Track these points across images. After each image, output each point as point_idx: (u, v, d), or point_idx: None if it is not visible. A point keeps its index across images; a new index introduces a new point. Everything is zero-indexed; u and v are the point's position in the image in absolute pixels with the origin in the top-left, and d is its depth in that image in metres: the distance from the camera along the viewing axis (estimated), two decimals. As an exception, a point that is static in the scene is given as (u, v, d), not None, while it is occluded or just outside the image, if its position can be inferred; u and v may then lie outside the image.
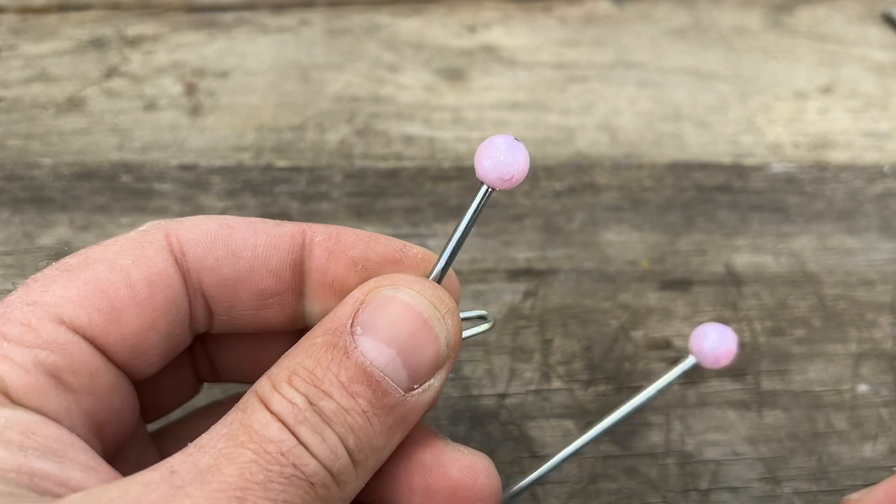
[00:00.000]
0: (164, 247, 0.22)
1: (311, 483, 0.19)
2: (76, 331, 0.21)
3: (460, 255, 0.39)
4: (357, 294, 0.22)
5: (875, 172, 0.43)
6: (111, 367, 0.22)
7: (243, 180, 0.40)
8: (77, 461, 0.19)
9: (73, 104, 0.44)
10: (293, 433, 0.19)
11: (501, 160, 0.22)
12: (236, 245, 0.23)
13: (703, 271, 0.38)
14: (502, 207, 0.40)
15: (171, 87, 0.44)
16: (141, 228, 0.23)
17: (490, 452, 0.32)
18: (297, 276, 0.24)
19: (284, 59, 0.46)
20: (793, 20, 0.50)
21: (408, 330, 0.21)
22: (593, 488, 0.32)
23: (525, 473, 0.25)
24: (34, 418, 0.19)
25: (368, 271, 0.24)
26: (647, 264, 0.39)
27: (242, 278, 0.23)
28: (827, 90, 0.46)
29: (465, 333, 0.25)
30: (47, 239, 0.38)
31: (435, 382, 0.21)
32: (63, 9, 0.48)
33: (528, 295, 0.37)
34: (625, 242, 0.39)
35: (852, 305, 0.38)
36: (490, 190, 0.23)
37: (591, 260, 0.39)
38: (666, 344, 0.36)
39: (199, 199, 0.40)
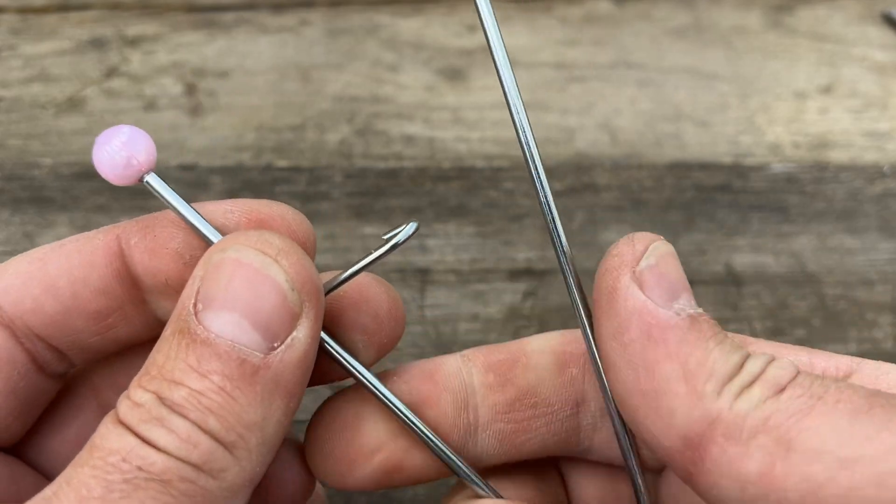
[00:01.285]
0: None
1: (164, 481, 0.17)
2: None
3: (460, 255, 0.39)
4: (197, 271, 0.20)
5: (875, 172, 0.43)
6: None
7: (243, 180, 0.40)
8: None
9: (73, 104, 0.44)
10: (135, 434, 0.18)
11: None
12: (50, 277, 0.22)
13: (703, 271, 0.38)
14: (502, 207, 0.40)
15: (171, 87, 0.44)
16: None
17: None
18: (128, 285, 0.22)
19: (284, 59, 0.46)
20: (793, 20, 0.50)
21: (243, 286, 0.19)
22: (593, 488, 0.32)
23: None
24: None
25: (197, 258, 0.22)
26: (647, 264, 0.39)
27: (69, 308, 0.22)
28: (827, 90, 0.46)
29: (379, 251, 0.22)
30: (47, 239, 0.38)
31: (299, 334, 0.19)
32: (63, 9, 0.48)
33: (528, 295, 0.37)
34: (625, 242, 0.39)
35: (852, 305, 0.38)
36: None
37: (591, 260, 0.39)
38: (666, 344, 0.36)
39: (199, 199, 0.40)
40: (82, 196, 0.39)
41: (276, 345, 0.19)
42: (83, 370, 0.24)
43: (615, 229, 0.40)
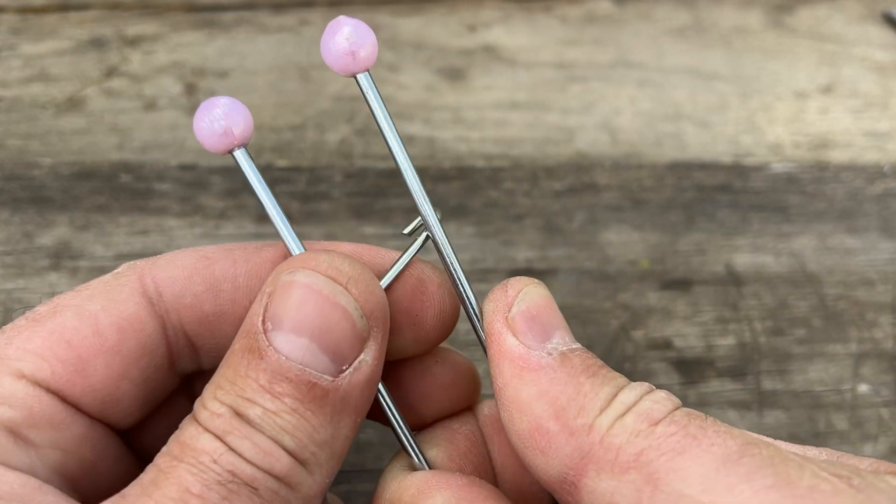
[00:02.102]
0: (136, 289, 0.22)
1: (254, 488, 0.18)
2: (38, 384, 0.20)
3: (460, 255, 0.39)
4: (266, 287, 0.20)
5: (875, 172, 0.43)
6: (81, 419, 0.21)
7: (243, 180, 0.40)
8: (45, 503, 0.19)
9: (73, 104, 0.44)
10: (224, 442, 0.19)
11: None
12: (215, 278, 0.22)
13: (703, 271, 0.38)
14: (502, 207, 0.40)
15: (171, 86, 0.44)
16: (116, 271, 0.22)
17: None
18: None
19: (284, 58, 0.46)
20: (793, 20, 0.50)
21: (313, 312, 0.19)
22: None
23: None
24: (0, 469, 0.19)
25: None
26: (647, 264, 0.39)
27: (225, 312, 0.22)
28: (827, 90, 0.46)
29: (408, 255, 0.23)
30: (47, 239, 0.38)
31: (366, 357, 0.20)
32: (63, 9, 0.48)
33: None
34: (625, 242, 0.39)
35: (853, 305, 0.38)
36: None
37: (591, 260, 0.39)
38: (666, 344, 0.36)
39: (199, 198, 0.40)
40: (82, 196, 0.39)
41: (344, 368, 0.20)
42: (200, 373, 0.25)
43: (615, 229, 0.40)
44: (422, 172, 0.41)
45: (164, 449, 0.19)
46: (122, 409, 0.22)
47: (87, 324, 0.21)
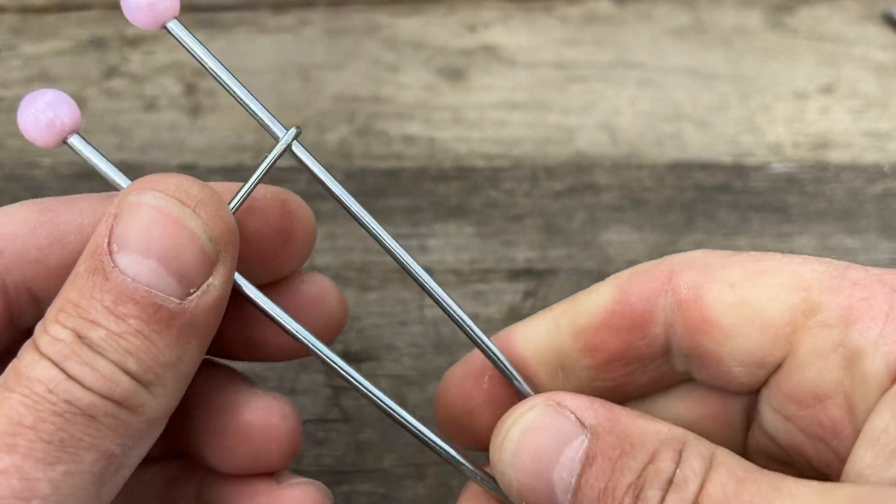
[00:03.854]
0: None
1: (91, 416, 0.18)
2: None
3: (460, 255, 0.39)
4: (111, 208, 0.20)
5: (875, 172, 0.43)
6: None
7: (243, 180, 0.40)
8: None
9: (73, 104, 0.44)
10: (61, 369, 0.18)
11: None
12: (60, 230, 0.22)
13: (703, 271, 0.38)
14: (502, 207, 0.40)
15: (171, 87, 0.44)
16: None
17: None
18: None
19: (284, 59, 0.46)
20: (793, 20, 0.50)
21: (160, 234, 0.19)
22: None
23: None
24: None
25: None
26: (647, 264, 0.39)
27: (72, 264, 0.22)
28: (827, 90, 0.46)
29: (258, 172, 0.23)
30: (47, 239, 0.38)
31: (214, 280, 0.20)
32: (63, 9, 0.48)
33: (528, 295, 0.37)
34: (625, 242, 0.39)
35: (853, 305, 0.38)
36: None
37: (591, 260, 0.39)
38: (666, 344, 0.36)
39: (199, 199, 0.40)
40: (82, 196, 0.39)
41: (191, 291, 0.20)
42: None
43: (615, 229, 0.40)
44: (422, 172, 0.41)
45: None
46: None
47: None
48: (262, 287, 0.23)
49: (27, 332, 0.23)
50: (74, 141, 0.22)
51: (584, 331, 0.24)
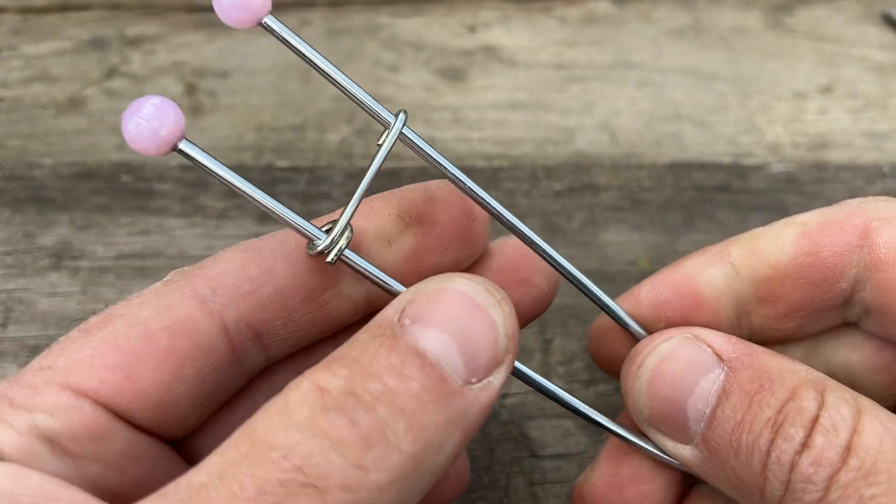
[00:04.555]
0: (186, 292, 0.21)
1: (321, 489, 0.16)
2: (85, 394, 0.20)
3: (460, 255, 0.39)
4: (405, 294, 0.19)
5: (875, 172, 0.43)
6: (128, 431, 0.20)
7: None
8: (74, 501, 0.18)
9: (74, 104, 0.44)
10: (309, 424, 0.16)
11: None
12: (267, 260, 0.22)
13: (702, 271, 0.38)
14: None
15: (172, 87, 0.45)
16: (165, 278, 0.22)
17: (490, 452, 0.32)
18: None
19: (284, 59, 0.46)
20: (793, 20, 0.50)
21: (461, 314, 0.19)
22: (593, 488, 0.32)
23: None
24: (25, 470, 0.18)
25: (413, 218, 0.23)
26: (647, 264, 0.39)
27: (287, 287, 0.22)
28: (827, 90, 0.46)
29: (385, 150, 0.23)
30: (47, 239, 0.38)
31: (494, 380, 0.19)
32: (63, 9, 0.48)
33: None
34: (625, 242, 0.39)
35: (852, 305, 0.38)
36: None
37: (591, 260, 0.39)
38: (666, 344, 0.36)
39: (200, 199, 0.40)
40: (82, 196, 0.39)
41: (473, 381, 0.19)
42: (268, 369, 0.24)
43: (615, 229, 0.40)
44: (422, 172, 0.41)
45: (226, 441, 0.17)
46: (177, 413, 0.21)
47: (137, 330, 0.20)
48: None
49: (251, 372, 0.23)
50: (185, 147, 0.21)
51: (767, 280, 0.23)
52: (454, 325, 0.19)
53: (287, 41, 0.21)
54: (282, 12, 0.49)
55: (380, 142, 0.22)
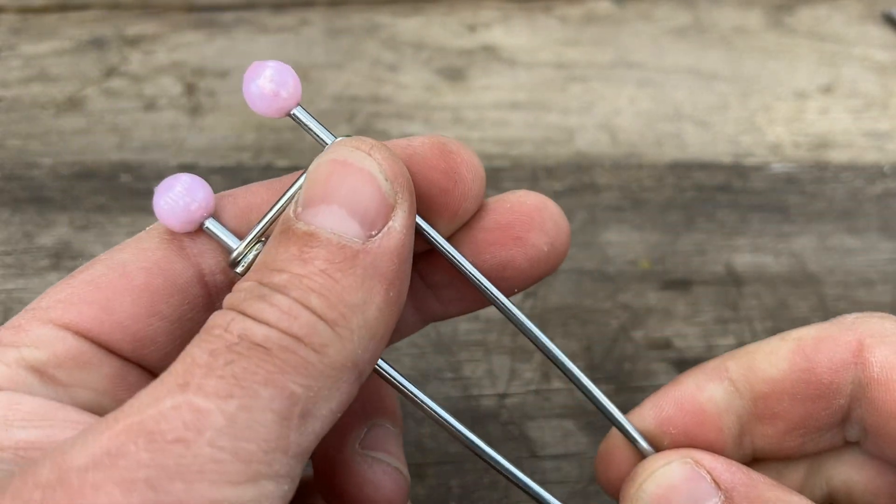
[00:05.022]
0: (165, 237, 0.22)
1: (266, 347, 0.18)
2: (66, 327, 0.21)
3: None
4: (300, 181, 0.21)
5: (875, 172, 0.43)
6: (112, 359, 0.21)
7: (243, 180, 0.40)
8: (68, 420, 0.19)
9: (73, 104, 0.44)
10: (238, 311, 0.18)
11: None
12: (241, 210, 0.23)
13: (703, 271, 0.38)
14: (502, 207, 0.40)
15: (171, 86, 0.44)
16: (148, 228, 0.23)
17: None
18: None
19: (284, 58, 0.46)
20: (793, 20, 0.50)
21: (339, 179, 0.20)
22: (593, 488, 0.32)
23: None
24: (17, 396, 0.19)
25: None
26: (647, 264, 0.39)
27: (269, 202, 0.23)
28: (827, 90, 0.46)
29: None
30: (47, 239, 0.38)
31: (395, 223, 0.20)
32: (63, 9, 0.48)
33: (528, 295, 0.37)
34: (625, 242, 0.39)
35: (853, 305, 0.38)
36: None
37: (591, 260, 0.39)
38: (666, 344, 0.36)
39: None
40: (82, 196, 0.39)
41: (373, 233, 0.20)
42: None
43: (615, 229, 0.40)
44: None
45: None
46: (157, 349, 0.22)
47: (114, 270, 0.21)
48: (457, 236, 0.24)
49: None
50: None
51: (764, 397, 0.23)
52: (338, 193, 0.20)
53: (312, 133, 0.23)
54: (282, 12, 0.49)
55: None
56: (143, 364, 0.22)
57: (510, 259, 0.24)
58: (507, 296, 0.24)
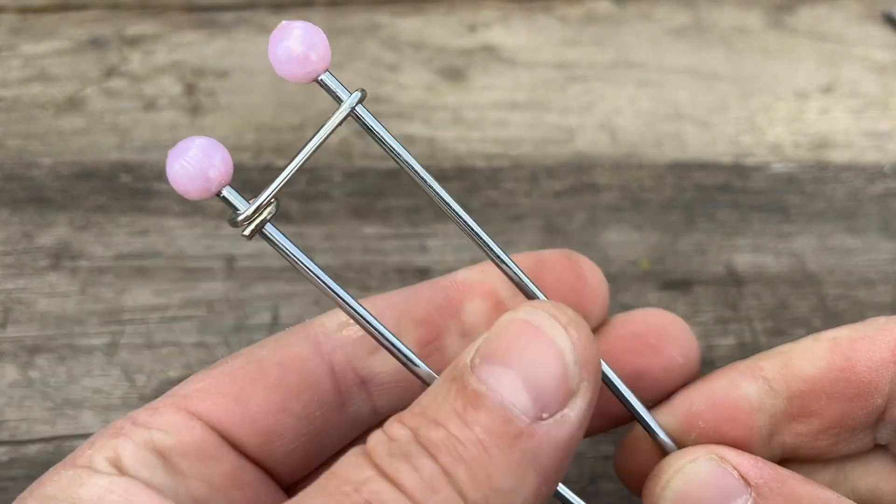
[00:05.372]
0: (301, 335, 0.22)
1: None
2: (198, 416, 0.21)
3: (460, 255, 0.38)
4: (485, 333, 0.19)
5: (875, 172, 0.43)
6: (236, 456, 0.21)
7: (243, 180, 0.40)
8: None
9: (73, 104, 0.44)
10: (377, 467, 0.17)
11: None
12: (377, 309, 0.23)
13: (703, 271, 0.38)
14: (502, 207, 0.40)
15: (171, 86, 0.44)
16: (290, 328, 0.23)
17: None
18: (445, 317, 0.24)
19: (284, 58, 0.46)
20: (793, 20, 0.50)
21: (524, 345, 0.18)
22: (593, 488, 0.32)
23: None
24: (138, 486, 0.19)
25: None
26: (647, 264, 0.39)
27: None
28: (827, 90, 0.46)
29: (330, 125, 0.22)
30: (47, 239, 0.38)
31: (570, 413, 0.18)
32: (63, 8, 0.48)
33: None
34: (625, 242, 0.39)
35: (853, 305, 0.38)
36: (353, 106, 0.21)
37: (591, 260, 0.39)
38: (666, 344, 0.36)
39: (199, 198, 0.40)
40: (82, 196, 0.39)
41: (544, 416, 0.18)
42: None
43: (615, 229, 0.40)
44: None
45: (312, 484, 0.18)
46: (282, 444, 0.22)
47: (252, 364, 0.22)
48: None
49: (358, 423, 0.23)
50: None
51: (801, 395, 0.23)
52: (518, 359, 0.18)
53: (338, 96, 0.22)
54: (282, 12, 0.49)
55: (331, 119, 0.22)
56: (263, 463, 0.22)
57: (646, 367, 0.24)
58: (648, 408, 0.23)
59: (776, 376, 0.24)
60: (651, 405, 0.25)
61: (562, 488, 0.22)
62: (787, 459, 0.25)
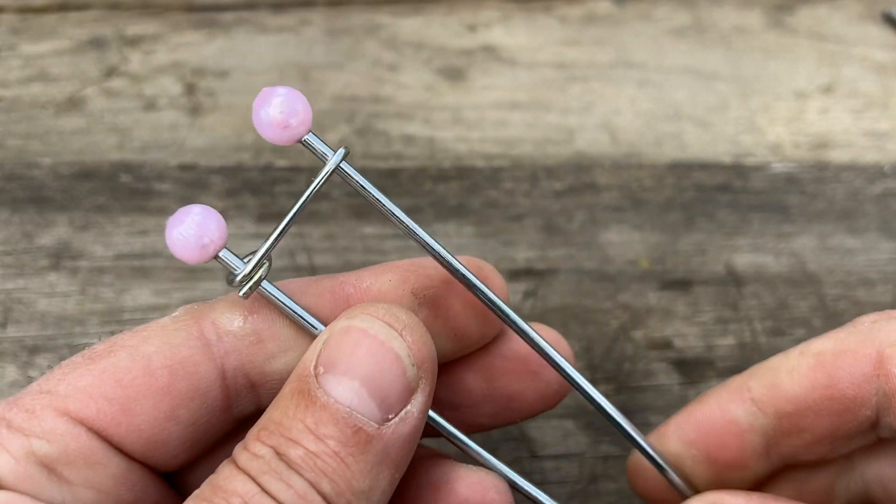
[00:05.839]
0: (193, 333, 0.22)
1: None
2: (81, 422, 0.20)
3: (460, 256, 0.38)
4: (322, 335, 0.21)
5: (875, 172, 0.43)
6: (120, 459, 0.21)
7: (243, 180, 0.40)
8: None
9: (73, 104, 0.44)
10: (258, 483, 0.18)
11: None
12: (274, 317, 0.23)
13: (703, 271, 0.38)
14: (502, 207, 0.40)
15: (171, 86, 0.44)
16: (174, 314, 0.22)
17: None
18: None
19: (284, 58, 0.46)
20: (793, 20, 0.50)
21: (366, 356, 0.20)
22: (593, 489, 0.32)
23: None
24: (25, 500, 0.19)
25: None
26: (647, 264, 0.39)
27: (291, 349, 0.22)
28: (827, 90, 0.46)
29: (314, 185, 0.23)
30: (46, 239, 0.38)
31: (412, 409, 0.20)
32: (62, 8, 0.48)
33: (528, 295, 0.37)
34: (625, 242, 0.39)
35: (853, 306, 0.38)
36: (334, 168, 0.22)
37: (591, 260, 0.39)
38: (666, 344, 0.36)
39: (199, 199, 0.40)
40: (82, 196, 0.39)
41: (390, 416, 0.20)
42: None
43: (615, 229, 0.40)
44: (422, 172, 0.41)
45: (195, 492, 0.19)
46: (167, 451, 0.22)
47: (139, 364, 0.21)
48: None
49: (241, 422, 0.23)
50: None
51: (789, 415, 0.24)
52: (361, 369, 0.19)
53: (321, 156, 0.23)
54: (282, 12, 0.49)
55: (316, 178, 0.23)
56: (148, 463, 0.22)
57: (521, 392, 0.25)
58: (508, 425, 0.24)
59: (763, 397, 0.24)
60: (517, 422, 0.26)
61: (520, 481, 0.24)
62: (790, 465, 0.25)
